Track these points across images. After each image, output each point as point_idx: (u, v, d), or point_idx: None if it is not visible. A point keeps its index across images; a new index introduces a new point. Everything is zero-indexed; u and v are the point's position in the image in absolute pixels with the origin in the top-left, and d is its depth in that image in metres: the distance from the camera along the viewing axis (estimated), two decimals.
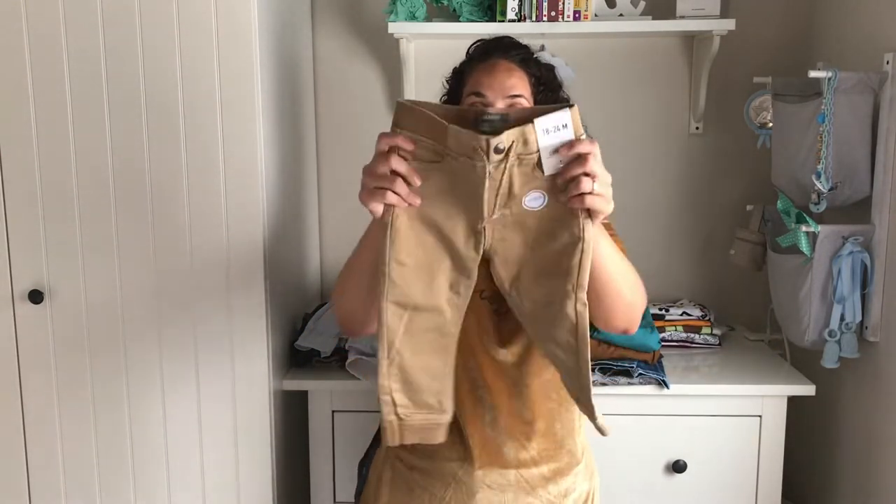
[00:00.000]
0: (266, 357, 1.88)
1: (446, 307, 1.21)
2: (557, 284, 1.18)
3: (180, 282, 1.85)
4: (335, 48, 2.39)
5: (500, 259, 1.20)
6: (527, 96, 1.41)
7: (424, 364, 1.24)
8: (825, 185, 1.85)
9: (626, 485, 1.93)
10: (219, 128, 1.80)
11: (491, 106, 1.37)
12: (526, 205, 1.17)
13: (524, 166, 1.15)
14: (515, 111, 1.23)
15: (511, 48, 1.45)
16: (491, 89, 1.39)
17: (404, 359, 1.23)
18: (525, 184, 1.16)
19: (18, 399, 1.90)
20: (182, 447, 1.91)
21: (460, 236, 1.19)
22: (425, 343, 1.23)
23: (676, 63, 2.35)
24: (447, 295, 1.21)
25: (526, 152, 1.14)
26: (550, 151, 1.13)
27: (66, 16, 1.77)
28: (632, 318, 1.32)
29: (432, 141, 1.15)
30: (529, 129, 1.12)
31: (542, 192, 1.17)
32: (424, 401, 1.25)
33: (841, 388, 2.06)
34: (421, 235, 1.19)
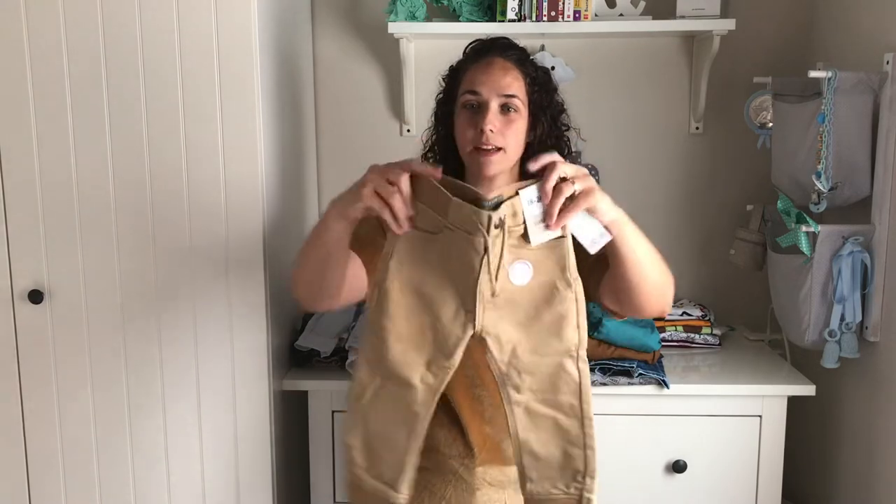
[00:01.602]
0: (266, 357, 1.88)
1: (419, 385, 1.20)
2: (558, 350, 1.19)
3: (180, 282, 1.85)
4: (335, 48, 2.39)
5: (493, 340, 1.19)
6: (521, 97, 1.41)
7: (387, 434, 1.23)
8: (825, 185, 1.85)
9: (626, 485, 1.93)
10: (219, 128, 1.80)
11: (485, 104, 1.39)
12: (514, 281, 1.17)
13: (512, 238, 1.17)
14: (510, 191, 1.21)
15: (508, 48, 1.46)
16: (486, 87, 1.39)
17: (368, 421, 1.23)
18: (511, 255, 1.17)
19: (18, 399, 1.90)
20: (182, 447, 1.91)
21: (448, 312, 1.18)
22: (391, 413, 1.22)
23: (676, 63, 2.35)
24: (421, 372, 1.20)
25: (514, 224, 1.16)
26: (535, 222, 1.15)
27: (66, 16, 1.77)
28: (666, 299, 1.32)
29: (433, 211, 1.17)
30: (517, 200, 1.14)
31: (527, 264, 1.18)
32: (380, 471, 1.24)
33: (841, 388, 2.06)
34: (410, 307, 1.19)
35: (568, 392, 1.20)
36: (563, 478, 1.23)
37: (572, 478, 1.23)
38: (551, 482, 1.23)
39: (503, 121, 1.40)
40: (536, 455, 1.22)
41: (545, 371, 1.20)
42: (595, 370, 1.91)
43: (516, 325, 1.19)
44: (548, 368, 1.20)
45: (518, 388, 1.20)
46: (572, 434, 1.22)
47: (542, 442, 1.22)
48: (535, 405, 1.21)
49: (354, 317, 2.10)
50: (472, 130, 1.40)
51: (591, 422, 1.22)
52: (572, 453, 1.22)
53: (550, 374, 1.20)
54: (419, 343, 1.20)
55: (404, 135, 2.40)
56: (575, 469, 1.23)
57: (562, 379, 1.20)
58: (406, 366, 1.19)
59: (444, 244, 1.17)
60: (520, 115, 1.41)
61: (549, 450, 1.22)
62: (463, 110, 1.42)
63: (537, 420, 1.22)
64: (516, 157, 1.45)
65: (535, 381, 1.20)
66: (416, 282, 1.19)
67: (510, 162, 1.43)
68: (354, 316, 2.10)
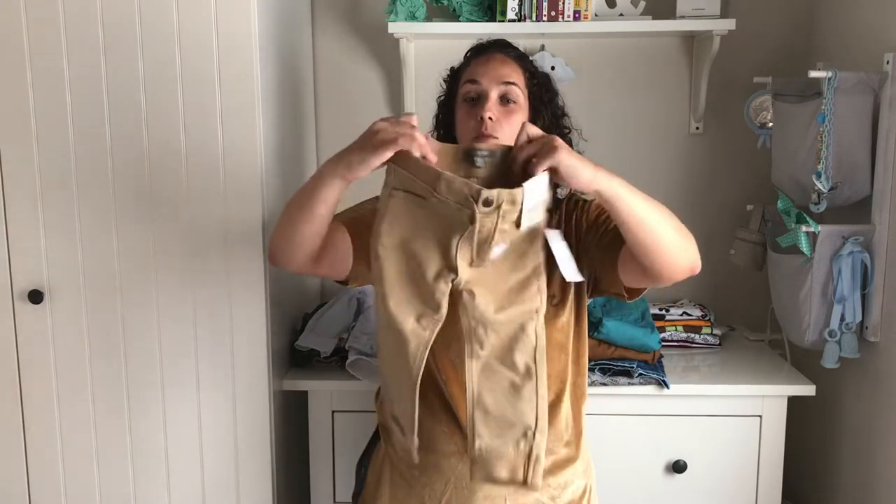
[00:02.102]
0: (266, 357, 1.88)
1: (409, 336, 1.25)
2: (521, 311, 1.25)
3: (180, 282, 1.85)
4: (335, 48, 2.39)
5: (469, 295, 1.25)
6: (521, 85, 1.43)
7: (395, 374, 1.30)
8: (825, 185, 1.85)
9: (626, 485, 1.93)
10: (219, 128, 1.80)
11: (485, 94, 1.41)
12: (493, 255, 1.24)
13: (505, 222, 1.22)
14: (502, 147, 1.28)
15: (506, 46, 1.49)
16: (486, 76, 1.41)
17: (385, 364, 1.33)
18: (500, 236, 1.23)
19: (18, 399, 1.90)
20: (182, 447, 1.91)
21: (433, 268, 1.24)
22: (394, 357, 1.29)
23: (676, 63, 2.35)
24: (412, 324, 1.25)
25: (511, 211, 1.21)
26: (527, 210, 1.21)
27: (66, 16, 1.77)
28: (690, 257, 1.29)
29: (424, 184, 1.22)
30: (518, 192, 1.19)
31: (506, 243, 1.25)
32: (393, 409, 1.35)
33: (841, 388, 2.06)
34: (399, 263, 1.25)
35: (525, 352, 1.25)
36: (512, 433, 1.26)
37: (522, 434, 1.26)
38: (502, 439, 1.26)
39: (503, 111, 1.41)
40: (487, 409, 1.26)
41: (507, 331, 1.25)
42: (595, 370, 1.91)
43: (488, 286, 1.25)
44: (510, 328, 1.25)
45: (482, 343, 1.25)
46: (525, 392, 1.26)
47: (495, 396, 1.26)
48: (493, 362, 1.26)
49: (354, 317, 2.10)
50: (472, 121, 1.41)
51: (543, 381, 1.26)
52: (524, 409, 1.26)
53: (511, 334, 1.25)
54: (409, 297, 1.25)
55: None
56: (526, 425, 1.26)
57: (520, 340, 1.25)
58: (399, 317, 1.25)
59: (432, 209, 1.23)
60: (519, 106, 1.42)
61: (500, 404, 1.26)
62: (464, 103, 1.44)
63: (493, 377, 1.26)
64: None
65: (497, 339, 1.25)
66: (405, 239, 1.25)
67: None
68: (354, 316, 2.10)
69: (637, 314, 2.02)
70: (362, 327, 2.02)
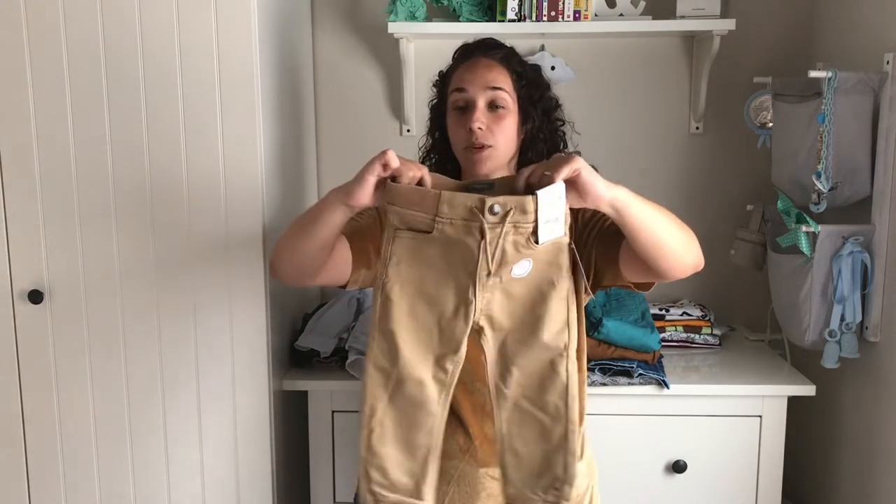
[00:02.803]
0: (266, 357, 1.88)
1: (431, 383, 1.20)
2: (548, 346, 1.19)
3: (180, 282, 1.85)
4: (335, 48, 2.39)
5: (488, 326, 1.20)
6: (508, 89, 1.42)
7: (406, 439, 1.22)
8: (825, 185, 1.85)
9: (626, 485, 1.93)
10: (219, 128, 1.80)
11: (472, 102, 1.40)
12: (514, 273, 1.18)
13: (519, 235, 1.16)
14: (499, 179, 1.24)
15: (492, 47, 1.47)
16: (472, 84, 1.41)
17: (385, 430, 1.22)
18: (517, 252, 1.17)
19: (18, 399, 1.90)
20: (182, 447, 1.91)
21: (450, 306, 1.19)
22: (408, 417, 1.21)
23: (676, 63, 2.35)
24: (433, 370, 1.20)
25: (523, 221, 1.16)
26: (545, 220, 1.16)
27: (66, 16, 1.77)
28: (693, 256, 1.31)
29: (424, 213, 1.17)
30: (528, 199, 1.14)
31: (528, 261, 1.18)
32: (397, 479, 1.22)
33: (841, 388, 2.06)
34: (412, 305, 1.20)
35: (554, 393, 1.20)
36: (541, 483, 1.22)
37: (551, 484, 1.21)
38: (530, 487, 1.22)
39: (491, 118, 1.41)
40: (518, 454, 1.22)
41: (534, 367, 1.20)
42: (595, 370, 1.91)
43: (510, 315, 1.20)
44: (537, 364, 1.20)
45: (506, 380, 1.20)
46: (554, 438, 1.21)
47: (525, 441, 1.22)
48: (522, 401, 1.21)
49: (354, 317, 2.10)
50: (462, 130, 1.41)
51: (575, 427, 1.21)
52: (553, 459, 1.21)
53: (539, 371, 1.20)
54: (426, 342, 1.20)
55: (404, 135, 2.40)
56: (554, 475, 1.21)
57: (550, 379, 1.20)
58: (417, 365, 1.20)
59: (440, 240, 1.18)
60: (508, 110, 1.42)
61: (530, 450, 1.22)
62: (453, 111, 1.44)
63: (523, 417, 1.21)
64: (509, 154, 1.45)
65: (523, 375, 1.20)
66: (416, 281, 1.20)
67: (503, 159, 1.44)
68: (354, 316, 2.10)
69: (637, 314, 2.02)
70: (362, 327, 2.02)
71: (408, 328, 1.20)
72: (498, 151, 1.41)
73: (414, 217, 1.19)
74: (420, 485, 1.22)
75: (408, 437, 1.21)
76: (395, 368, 1.21)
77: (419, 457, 1.21)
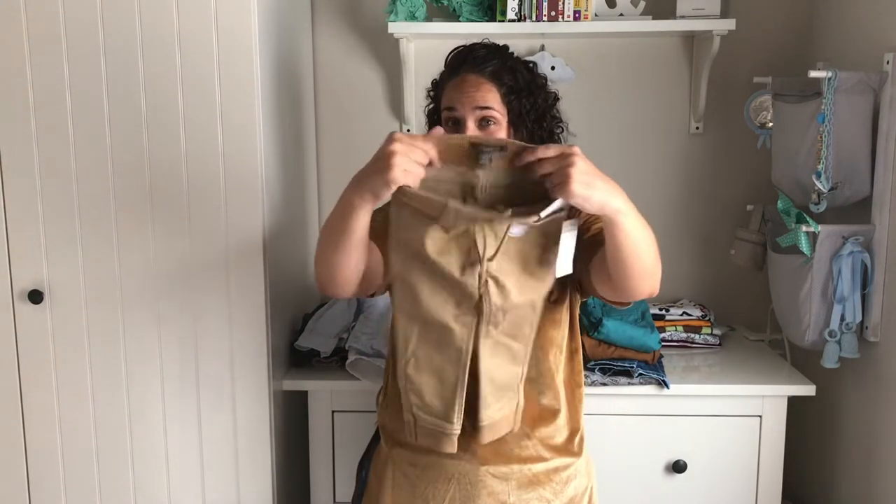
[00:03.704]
0: (266, 357, 1.88)
1: (455, 325, 1.28)
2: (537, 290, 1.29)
3: (180, 282, 1.85)
4: (335, 48, 2.39)
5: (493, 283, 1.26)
6: (497, 107, 1.43)
7: (438, 368, 1.32)
8: (825, 185, 1.85)
9: (626, 485, 1.93)
10: (219, 128, 1.80)
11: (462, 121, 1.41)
12: (512, 232, 1.24)
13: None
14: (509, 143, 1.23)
15: (480, 61, 1.44)
16: (461, 104, 1.43)
17: (419, 360, 1.32)
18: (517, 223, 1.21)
19: (18, 399, 1.90)
20: (182, 447, 1.91)
21: (456, 268, 1.25)
22: (438, 350, 1.31)
23: (676, 63, 2.35)
24: (454, 313, 1.28)
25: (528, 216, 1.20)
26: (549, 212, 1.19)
27: (66, 16, 1.77)
28: (656, 281, 1.32)
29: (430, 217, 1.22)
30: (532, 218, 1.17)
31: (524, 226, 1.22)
32: (431, 402, 1.33)
33: (841, 388, 2.06)
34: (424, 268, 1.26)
35: (530, 325, 1.32)
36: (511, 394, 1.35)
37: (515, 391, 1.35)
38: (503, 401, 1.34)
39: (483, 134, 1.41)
40: (493, 379, 1.32)
41: (520, 312, 1.30)
42: (595, 370, 1.91)
43: (514, 270, 1.27)
44: (523, 309, 1.30)
45: (497, 325, 1.28)
46: (519, 356, 1.33)
47: (501, 370, 1.32)
48: (501, 337, 1.30)
49: (354, 317, 2.10)
50: None
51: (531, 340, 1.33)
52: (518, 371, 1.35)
53: (523, 314, 1.30)
54: (442, 291, 1.27)
55: None
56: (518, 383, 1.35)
57: (528, 318, 1.31)
58: (439, 310, 1.27)
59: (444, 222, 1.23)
60: (499, 126, 1.43)
61: (505, 376, 1.33)
62: (447, 126, 1.44)
63: (499, 351, 1.31)
64: None
65: (510, 319, 1.29)
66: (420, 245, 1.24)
67: None
68: (354, 316, 2.10)
69: (637, 314, 2.02)
70: (362, 327, 2.02)
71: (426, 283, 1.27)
72: None
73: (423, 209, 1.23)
74: (450, 410, 1.32)
75: (440, 367, 1.31)
76: (419, 314, 1.29)
77: (448, 384, 1.31)
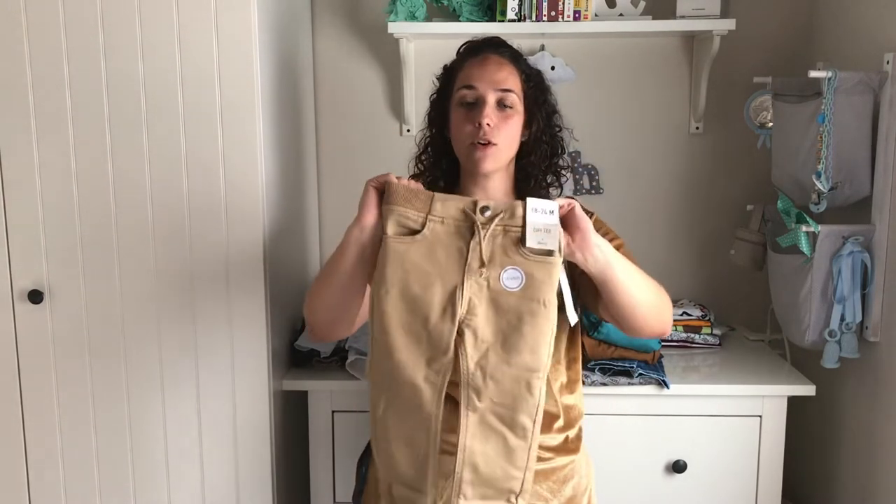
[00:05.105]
0: (266, 357, 1.88)
1: (423, 385, 1.21)
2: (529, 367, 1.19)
3: (180, 282, 1.85)
4: (335, 48, 2.39)
5: (471, 334, 1.20)
6: (517, 92, 1.42)
7: (407, 436, 1.24)
8: (825, 185, 1.85)
9: (626, 485, 1.93)
10: (218, 128, 1.80)
11: (482, 99, 1.40)
12: (504, 283, 1.19)
13: (507, 238, 1.19)
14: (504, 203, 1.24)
15: (501, 46, 1.48)
16: (482, 81, 1.41)
17: (388, 428, 1.24)
18: (505, 254, 1.19)
19: (18, 399, 1.90)
20: (182, 447, 1.91)
21: (437, 308, 1.20)
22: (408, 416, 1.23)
23: (676, 63, 2.35)
24: (424, 372, 1.21)
25: (512, 224, 1.19)
26: (534, 228, 1.19)
27: (66, 16, 1.77)
28: (663, 321, 1.36)
29: (417, 211, 1.21)
30: (518, 204, 1.18)
31: (520, 272, 1.20)
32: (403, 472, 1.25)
33: (841, 388, 2.06)
34: (402, 312, 1.21)
35: (525, 413, 1.21)
36: (497, 497, 1.24)
37: (506, 499, 1.24)
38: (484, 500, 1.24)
39: (500, 116, 1.41)
40: (478, 470, 1.22)
41: (509, 385, 1.20)
42: (595, 370, 1.91)
43: (494, 328, 1.20)
44: (512, 383, 1.20)
45: (479, 392, 1.20)
46: (517, 456, 1.22)
47: (487, 458, 1.22)
48: (490, 417, 1.21)
49: None
50: (469, 126, 1.41)
51: (536, 445, 1.23)
52: (512, 475, 1.23)
53: (513, 389, 1.20)
54: (416, 346, 1.21)
55: (404, 135, 2.40)
56: (510, 490, 1.24)
57: (523, 399, 1.20)
58: (409, 369, 1.21)
59: (427, 242, 1.21)
60: (516, 111, 1.42)
61: (491, 468, 1.22)
62: (459, 107, 1.43)
63: (488, 434, 1.22)
64: (511, 155, 1.46)
65: (497, 390, 1.20)
66: (403, 286, 1.21)
67: (505, 159, 1.44)
68: None
69: None
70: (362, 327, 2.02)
71: (398, 334, 1.21)
72: (501, 151, 1.42)
73: (407, 216, 1.21)
74: (422, 478, 1.24)
75: (409, 435, 1.23)
76: (390, 375, 1.23)
77: (420, 453, 1.23)
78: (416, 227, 1.21)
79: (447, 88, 1.49)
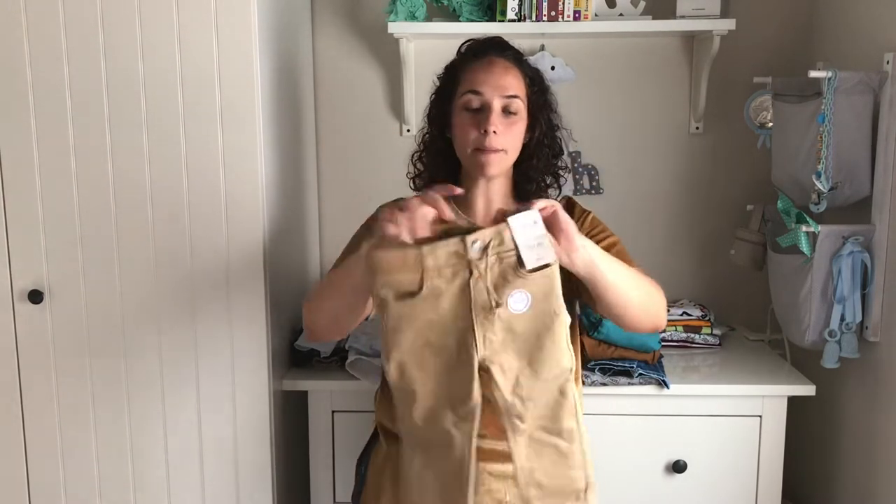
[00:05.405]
0: (266, 357, 1.88)
1: (454, 431, 1.21)
2: (557, 375, 1.22)
3: (180, 282, 1.85)
4: (335, 48, 2.39)
5: (497, 368, 1.21)
6: (522, 97, 1.42)
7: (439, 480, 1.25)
8: (825, 185, 1.85)
9: (626, 485, 1.93)
10: (219, 128, 1.80)
11: (488, 105, 1.39)
12: (512, 308, 1.19)
13: (504, 265, 1.18)
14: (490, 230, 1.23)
15: (505, 47, 1.47)
16: (488, 86, 1.40)
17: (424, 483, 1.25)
18: (506, 281, 1.18)
19: (18, 399, 1.90)
20: (182, 447, 1.91)
21: (454, 356, 1.20)
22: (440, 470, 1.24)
23: (676, 63, 2.35)
24: (453, 419, 1.22)
25: (504, 250, 1.17)
26: (527, 247, 1.17)
27: (66, 16, 1.77)
28: (657, 317, 1.37)
29: (411, 274, 1.18)
30: (503, 227, 1.17)
31: (524, 293, 1.19)
32: None
33: (841, 388, 2.06)
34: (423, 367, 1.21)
35: (566, 416, 1.23)
36: (567, 500, 1.27)
37: (576, 498, 1.27)
38: None
39: (505, 123, 1.40)
40: (542, 486, 1.24)
41: (547, 397, 1.22)
42: (595, 370, 1.91)
43: (517, 353, 1.21)
44: (549, 395, 1.22)
45: (522, 417, 1.22)
46: (574, 458, 1.25)
47: (546, 471, 1.24)
48: (537, 433, 1.23)
49: None
50: (474, 131, 1.40)
51: (586, 438, 1.25)
52: (574, 476, 1.25)
53: (551, 400, 1.22)
54: (441, 396, 1.22)
55: (404, 135, 2.40)
56: (577, 489, 1.26)
57: (561, 405, 1.22)
58: (438, 419, 1.22)
59: (430, 295, 1.19)
60: (520, 116, 1.42)
61: (552, 479, 1.25)
62: (464, 111, 1.42)
63: (540, 450, 1.23)
64: (514, 159, 1.45)
65: (537, 408, 1.22)
66: (420, 343, 1.21)
67: (509, 163, 1.44)
68: None
69: None
70: (362, 327, 2.02)
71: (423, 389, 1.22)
72: (507, 156, 1.42)
73: (401, 282, 1.19)
74: None
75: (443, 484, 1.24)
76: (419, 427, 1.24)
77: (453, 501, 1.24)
78: (414, 288, 1.19)
79: (449, 88, 1.48)
